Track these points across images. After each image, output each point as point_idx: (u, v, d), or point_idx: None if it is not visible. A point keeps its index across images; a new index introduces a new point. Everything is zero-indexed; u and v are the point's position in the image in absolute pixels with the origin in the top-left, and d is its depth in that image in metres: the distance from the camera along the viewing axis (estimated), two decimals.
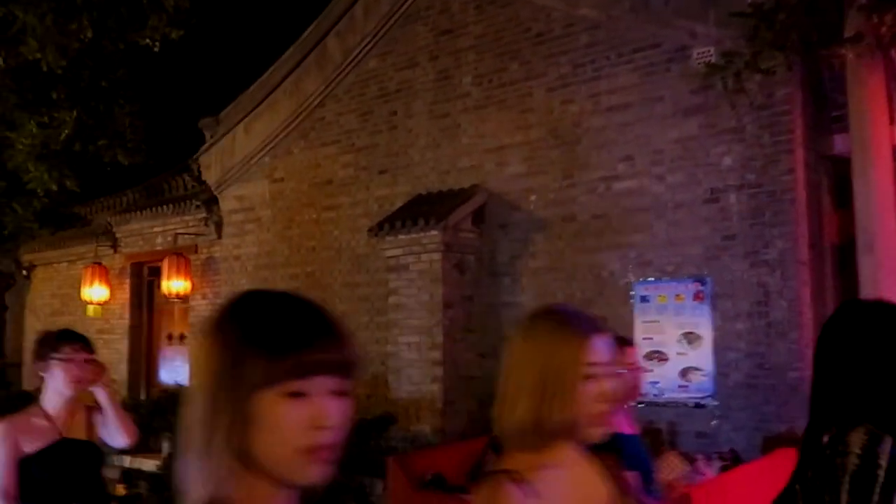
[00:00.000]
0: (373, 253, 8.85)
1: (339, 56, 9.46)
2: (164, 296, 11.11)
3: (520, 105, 7.65)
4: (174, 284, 10.63)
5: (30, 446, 3.24)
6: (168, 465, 9.49)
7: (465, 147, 8.14)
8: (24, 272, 13.52)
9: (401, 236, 7.83)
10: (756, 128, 6.24)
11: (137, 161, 12.27)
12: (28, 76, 10.73)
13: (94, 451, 3.46)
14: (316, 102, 9.72)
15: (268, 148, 10.20)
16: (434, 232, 7.55)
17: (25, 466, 3.23)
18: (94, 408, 3.51)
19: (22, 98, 10.61)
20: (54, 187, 11.16)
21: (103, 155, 12.00)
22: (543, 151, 7.46)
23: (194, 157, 11.02)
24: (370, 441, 7.51)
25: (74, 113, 11.01)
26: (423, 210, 7.86)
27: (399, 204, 8.45)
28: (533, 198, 7.51)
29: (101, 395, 3.50)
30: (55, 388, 3.34)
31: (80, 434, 3.40)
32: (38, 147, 10.86)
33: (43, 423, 3.32)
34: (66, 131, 11.06)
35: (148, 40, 8.54)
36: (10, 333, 13.74)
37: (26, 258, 13.35)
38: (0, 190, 12.49)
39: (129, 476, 9.11)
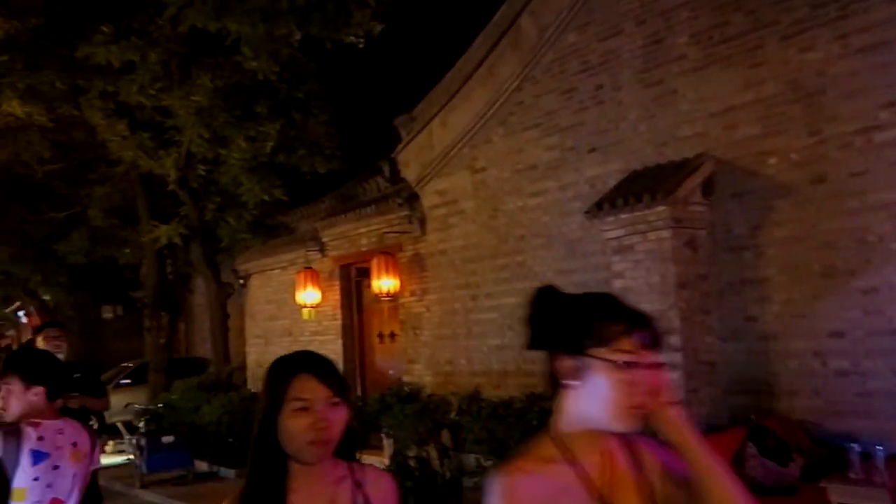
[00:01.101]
0: (587, 236, 8.30)
1: (534, 35, 8.96)
2: (373, 295, 11.11)
3: (748, 60, 6.83)
4: (384, 283, 10.58)
5: None
6: (394, 461, 9.40)
7: (684, 114, 7.40)
8: (241, 281, 14.05)
9: (623, 215, 7.22)
10: None
11: (334, 168, 12.41)
12: (234, 93, 11.06)
13: None
14: (513, 87, 9.29)
15: (466, 139, 9.88)
16: (661, 207, 6.89)
17: None
18: None
19: (231, 115, 10.92)
20: (266, 198, 11.44)
21: (301, 165, 12.22)
22: (781, 108, 6.60)
23: (392, 154, 10.90)
24: None
25: (278, 125, 11.22)
26: (644, 186, 7.21)
27: (613, 182, 7.83)
28: (772, 161, 6.67)
29: None
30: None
31: None
32: (248, 161, 11.16)
33: None
34: (271, 143, 11.30)
35: (353, 37, 8.42)
36: (233, 339, 14.34)
37: (242, 267, 13.87)
38: (215, 206, 13.03)
39: None
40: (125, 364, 18.14)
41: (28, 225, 17.79)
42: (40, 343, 5.73)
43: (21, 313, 25.46)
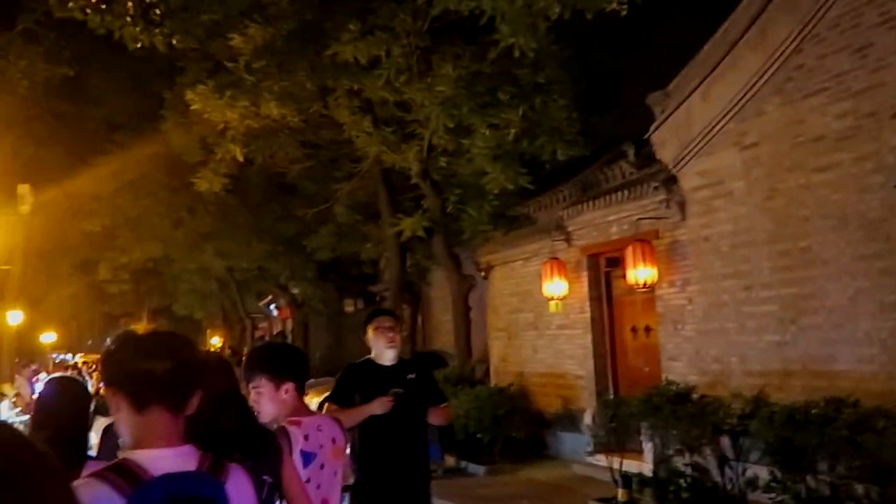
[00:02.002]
0: (893, 215, 7.09)
1: None
2: (626, 286, 10.39)
3: None
4: (639, 273, 9.81)
5: None
6: (659, 467, 8.65)
7: None
8: (483, 273, 13.83)
9: None
10: None
11: (575, 154, 11.79)
12: (476, 82, 10.77)
13: None
14: (790, 49, 8.19)
15: (733, 112, 8.89)
16: None
17: None
18: None
19: (475, 104, 10.63)
20: (511, 186, 11.07)
21: (542, 152, 11.70)
22: None
23: (645, 135, 10.10)
24: None
25: (520, 111, 10.79)
26: None
27: None
28: None
29: None
30: None
31: None
32: (492, 149, 10.84)
33: None
34: (514, 130, 10.89)
35: (615, 3, 7.77)
36: (476, 333, 14.16)
37: (483, 259, 13.64)
38: (456, 197, 12.87)
39: (627, 479, 8.39)
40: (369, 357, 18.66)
41: (280, 223, 18.82)
42: (370, 335, 4.81)
43: (273, 306, 27.26)
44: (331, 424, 3.09)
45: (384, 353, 4.78)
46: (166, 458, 1.80)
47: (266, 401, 2.94)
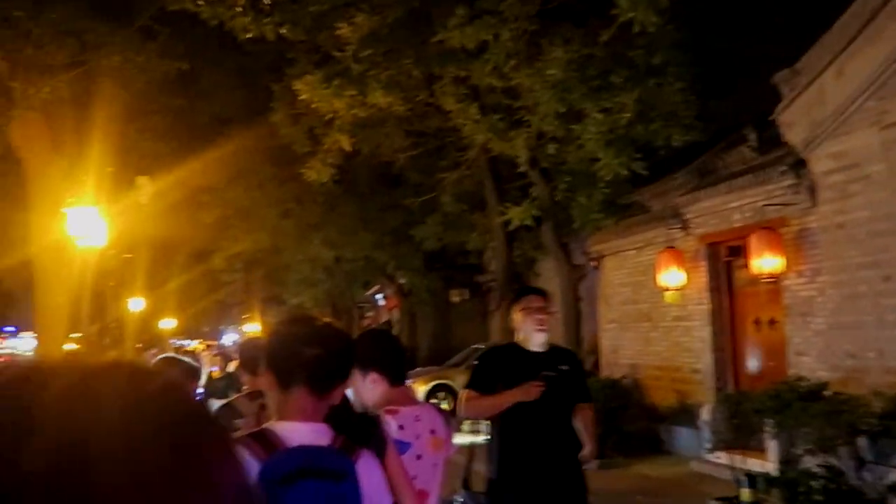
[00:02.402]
0: None
1: None
2: (749, 276, 9.82)
3: None
4: (764, 263, 9.23)
5: None
6: (787, 467, 8.10)
7: None
8: (593, 263, 13.42)
9: None
10: None
11: (691, 139, 11.22)
12: (588, 65, 10.38)
13: None
14: None
15: (872, 89, 8.19)
16: None
17: None
18: None
19: (587, 87, 10.24)
20: (624, 173, 10.62)
21: (656, 137, 11.18)
22: None
23: (772, 116, 9.48)
24: None
25: (635, 94, 10.33)
26: None
27: None
28: None
29: None
30: None
31: None
32: (604, 134, 10.43)
33: None
34: (628, 115, 10.44)
35: None
36: (584, 324, 13.78)
37: (594, 249, 13.23)
38: (566, 185, 12.50)
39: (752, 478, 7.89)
40: (475, 346, 18.51)
41: (386, 213, 18.87)
42: (517, 316, 4.29)
43: (379, 296, 27.49)
44: (432, 415, 3.03)
45: (533, 336, 4.21)
46: (302, 432, 1.92)
47: (356, 390, 2.90)
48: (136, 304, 23.20)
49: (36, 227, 12.87)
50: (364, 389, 2.89)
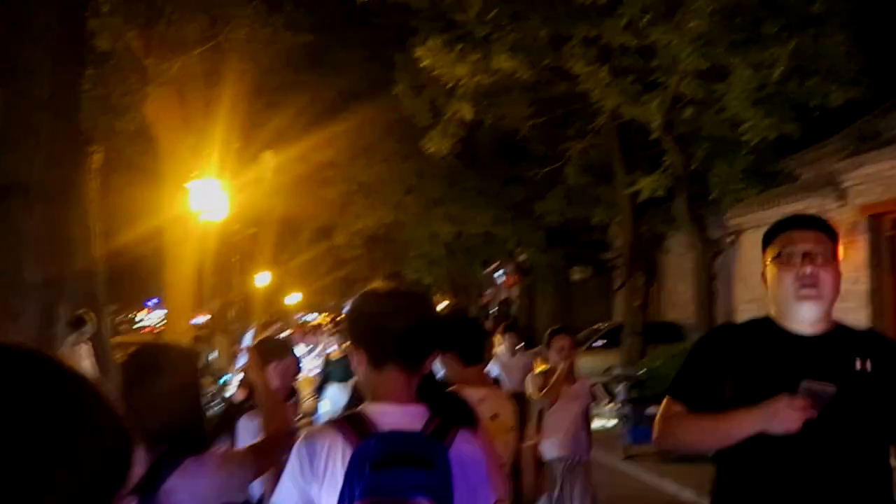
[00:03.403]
0: None
1: None
2: None
3: None
4: None
5: None
6: None
7: None
8: (731, 238, 12.24)
9: None
10: None
11: (854, 97, 9.87)
12: (736, 14, 9.26)
13: None
14: None
15: None
16: None
17: None
18: None
19: (734, 40, 9.14)
20: (773, 134, 9.48)
21: (812, 96, 9.90)
22: None
23: None
24: None
25: (790, 46, 9.14)
26: None
27: None
28: None
29: None
30: None
31: None
32: (751, 92, 9.31)
33: None
34: (781, 69, 9.27)
35: None
36: (720, 305, 12.63)
37: (733, 222, 12.03)
38: (704, 152, 11.40)
39: None
40: (597, 326, 17.57)
41: (508, 187, 18.15)
42: (770, 270, 2.26)
43: (499, 273, 26.84)
44: (499, 399, 2.96)
45: (795, 308, 2.20)
46: (395, 415, 1.82)
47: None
48: (262, 279, 23.45)
49: (166, 202, 12.90)
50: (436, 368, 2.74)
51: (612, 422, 11.16)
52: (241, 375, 5.72)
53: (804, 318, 2.21)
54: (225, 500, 2.14)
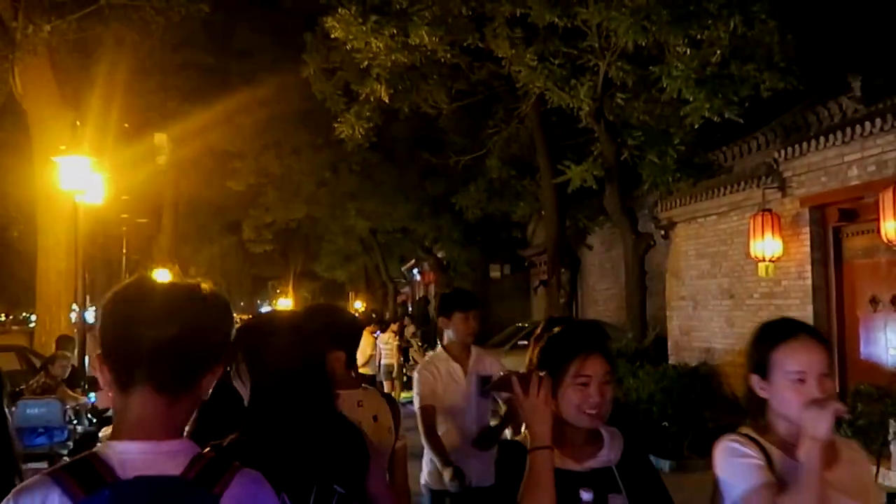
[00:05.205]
0: None
1: None
2: (861, 246, 7.77)
3: None
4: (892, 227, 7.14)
5: None
6: None
7: None
8: (662, 232, 11.37)
9: None
10: None
11: (787, 86, 9.08)
12: None
13: None
14: None
15: None
16: None
17: None
18: None
19: (673, 13, 8.17)
20: (715, 118, 8.57)
21: (745, 83, 9.05)
22: None
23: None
24: None
25: (731, 24, 8.25)
26: None
27: None
28: None
29: None
30: None
31: None
32: (694, 71, 8.37)
33: None
34: (723, 46, 8.37)
35: None
36: (650, 302, 11.75)
37: (665, 215, 11.16)
38: (635, 142, 10.45)
39: None
40: (519, 325, 16.56)
41: (427, 181, 17.00)
42: None
43: (415, 270, 25.63)
44: (375, 400, 2.79)
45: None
46: (144, 456, 1.32)
47: None
48: (160, 277, 21.56)
49: (38, 180, 11.11)
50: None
51: None
52: None
53: None
54: None
